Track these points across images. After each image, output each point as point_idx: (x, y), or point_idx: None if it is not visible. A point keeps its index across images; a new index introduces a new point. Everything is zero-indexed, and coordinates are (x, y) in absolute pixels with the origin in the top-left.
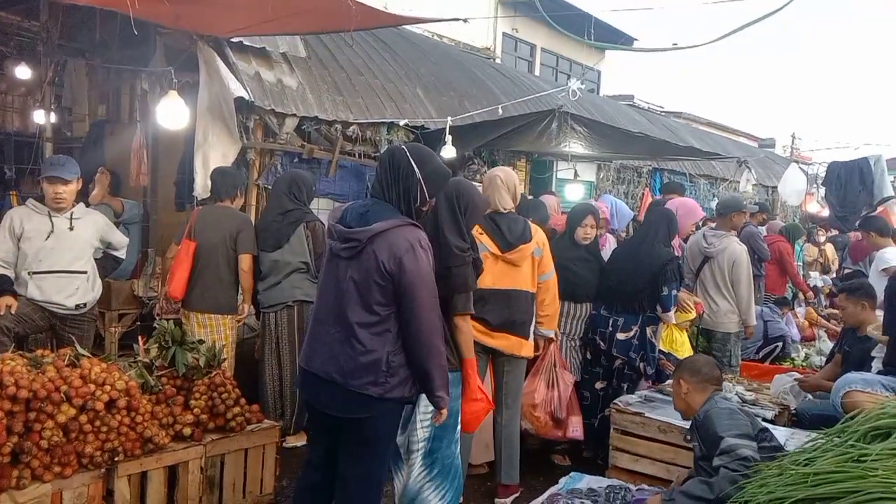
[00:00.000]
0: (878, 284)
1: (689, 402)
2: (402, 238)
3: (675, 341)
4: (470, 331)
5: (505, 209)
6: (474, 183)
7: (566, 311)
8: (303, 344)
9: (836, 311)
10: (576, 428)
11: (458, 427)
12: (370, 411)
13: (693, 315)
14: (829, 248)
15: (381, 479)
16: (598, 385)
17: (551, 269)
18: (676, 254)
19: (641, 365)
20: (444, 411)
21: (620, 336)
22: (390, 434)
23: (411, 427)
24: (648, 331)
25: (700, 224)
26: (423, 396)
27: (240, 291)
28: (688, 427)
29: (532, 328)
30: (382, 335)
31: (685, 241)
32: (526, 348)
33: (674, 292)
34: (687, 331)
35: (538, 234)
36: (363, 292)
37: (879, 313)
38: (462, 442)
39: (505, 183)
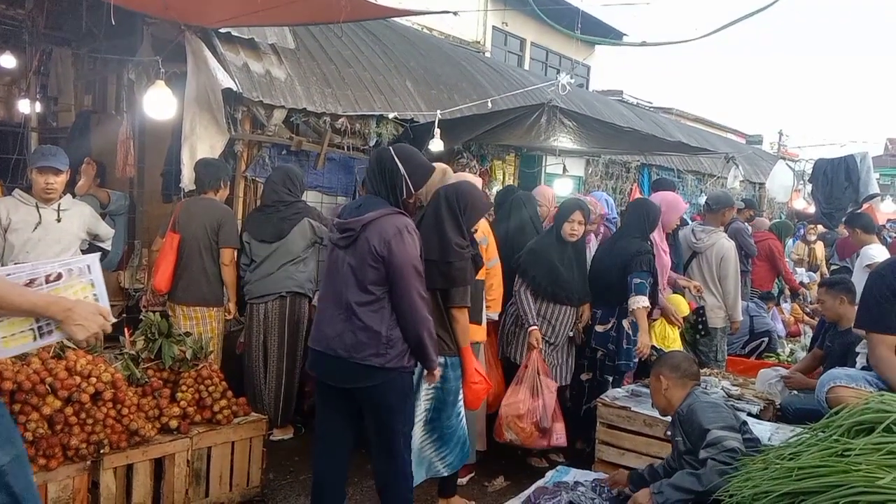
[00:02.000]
0: (863, 280)
1: (669, 399)
2: (391, 224)
3: (667, 337)
4: (466, 322)
5: None
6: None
7: (547, 313)
8: (294, 333)
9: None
10: (559, 435)
11: (460, 404)
12: (375, 380)
13: (686, 312)
14: (819, 247)
15: (406, 435)
16: (584, 377)
17: (496, 255)
18: (649, 246)
19: (615, 359)
20: (437, 372)
21: (598, 328)
22: (402, 398)
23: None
24: (624, 323)
25: (689, 219)
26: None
27: (225, 287)
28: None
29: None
30: (379, 312)
31: (675, 235)
32: (479, 333)
33: (636, 280)
34: (680, 326)
35: (481, 225)
36: (359, 275)
37: None
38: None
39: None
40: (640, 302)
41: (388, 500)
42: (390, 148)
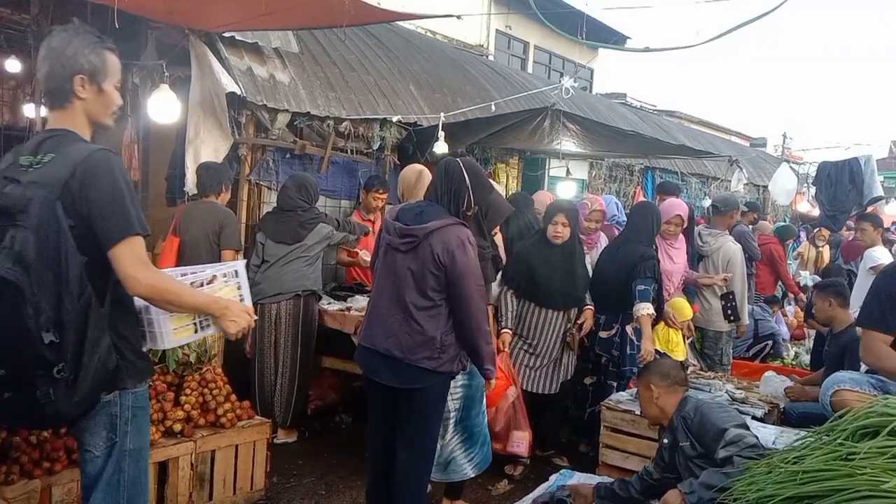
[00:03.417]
0: (867, 283)
1: (661, 406)
2: (454, 235)
3: (671, 341)
4: (490, 319)
5: None
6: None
7: (528, 316)
8: (308, 333)
9: None
10: (519, 443)
11: (484, 400)
12: (425, 382)
13: (690, 316)
14: (826, 251)
15: (434, 442)
16: (588, 380)
17: None
18: (654, 251)
19: (620, 365)
20: (493, 381)
21: (602, 334)
22: (442, 400)
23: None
24: (628, 329)
25: (697, 224)
26: None
27: None
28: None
29: None
30: (436, 317)
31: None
32: None
33: (640, 287)
34: (685, 332)
35: None
36: (419, 280)
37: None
38: None
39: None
40: (644, 309)
41: (407, 489)
42: (459, 160)
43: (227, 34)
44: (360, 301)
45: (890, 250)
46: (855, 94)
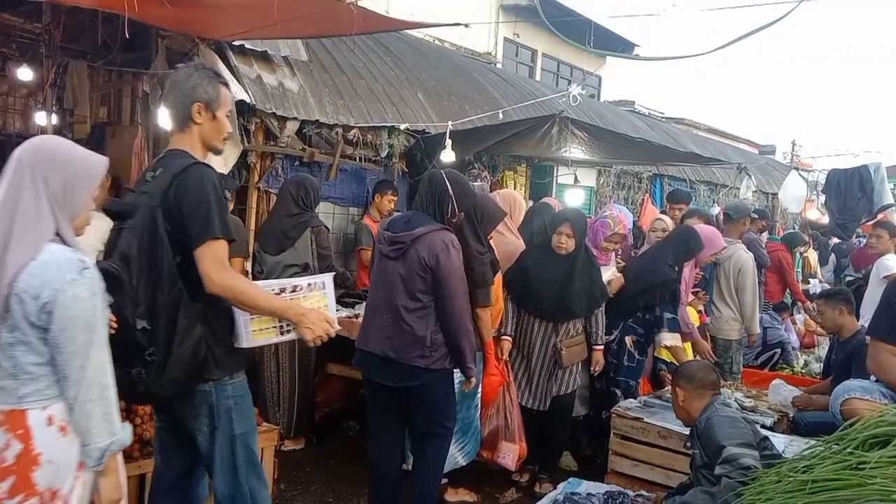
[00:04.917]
0: (879, 291)
1: (687, 410)
2: (439, 239)
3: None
4: (489, 319)
5: None
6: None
7: (521, 323)
8: (305, 344)
9: None
10: (506, 455)
11: (478, 395)
12: (420, 380)
13: (698, 323)
14: (811, 255)
15: (449, 430)
16: (598, 384)
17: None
18: (676, 273)
19: (616, 372)
20: (473, 380)
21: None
22: (445, 398)
23: None
24: (627, 340)
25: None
26: None
27: None
28: (688, 433)
29: None
30: (425, 318)
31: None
32: None
33: (668, 316)
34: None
35: None
36: (408, 284)
37: None
38: None
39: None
40: (669, 340)
41: (422, 486)
42: (442, 171)
43: (236, 43)
44: None
45: None
46: (865, 100)
